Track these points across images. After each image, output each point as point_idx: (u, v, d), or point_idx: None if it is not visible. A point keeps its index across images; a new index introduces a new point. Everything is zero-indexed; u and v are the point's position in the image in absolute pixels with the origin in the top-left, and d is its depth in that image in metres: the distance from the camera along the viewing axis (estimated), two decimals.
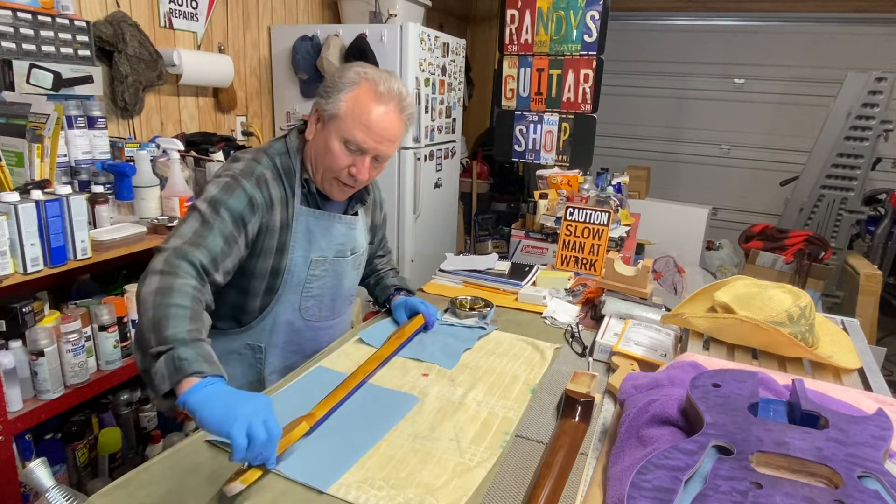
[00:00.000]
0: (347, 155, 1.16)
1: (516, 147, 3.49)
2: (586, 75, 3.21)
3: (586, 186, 2.67)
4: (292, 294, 1.26)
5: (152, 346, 0.88)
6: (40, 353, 1.50)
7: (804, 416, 0.81)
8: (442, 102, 3.31)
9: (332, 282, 1.32)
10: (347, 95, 1.14)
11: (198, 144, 2.38)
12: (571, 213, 1.95)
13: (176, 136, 2.31)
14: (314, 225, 1.24)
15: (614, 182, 3.02)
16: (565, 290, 1.70)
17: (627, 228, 2.63)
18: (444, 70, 3.26)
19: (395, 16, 3.15)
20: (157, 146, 2.10)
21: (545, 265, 1.95)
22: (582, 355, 1.33)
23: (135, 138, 2.32)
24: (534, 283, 1.74)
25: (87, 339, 1.65)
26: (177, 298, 0.93)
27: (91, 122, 1.89)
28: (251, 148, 1.26)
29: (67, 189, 1.52)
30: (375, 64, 2.88)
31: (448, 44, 3.27)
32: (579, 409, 1.02)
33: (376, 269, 1.58)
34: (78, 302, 1.76)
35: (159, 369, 0.85)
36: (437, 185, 3.40)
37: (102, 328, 1.68)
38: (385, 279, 1.55)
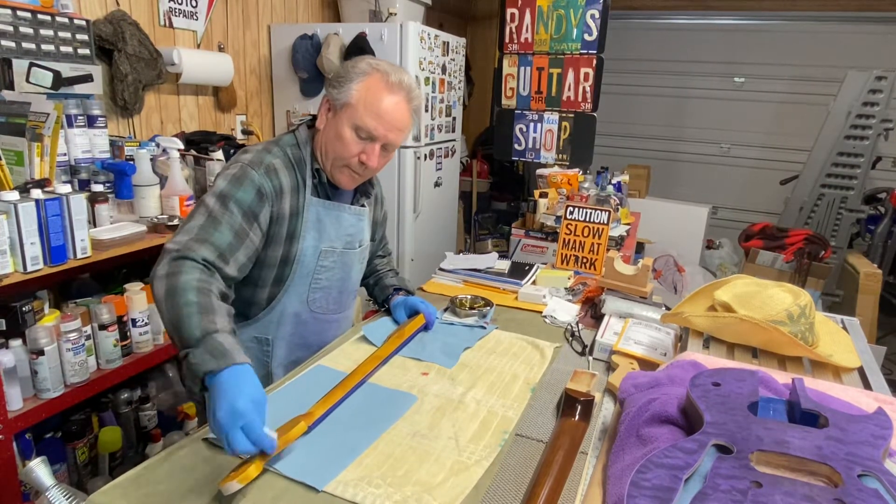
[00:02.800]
0: (358, 142, 1.19)
1: (516, 146, 3.49)
2: (586, 74, 3.20)
3: (586, 185, 2.67)
4: (301, 285, 1.27)
5: (178, 349, 0.92)
6: (40, 352, 1.50)
7: (804, 415, 0.81)
8: (442, 101, 3.31)
9: (340, 273, 1.33)
10: (359, 85, 1.17)
11: (198, 143, 2.38)
12: (571, 212, 1.95)
13: (176, 135, 2.31)
14: (324, 214, 1.26)
15: (614, 181, 3.02)
16: (565, 288, 1.70)
17: (627, 227, 2.63)
18: (444, 69, 3.26)
19: (395, 14, 3.14)
20: (157, 145, 2.10)
21: (545, 264, 1.95)
22: (582, 354, 1.33)
23: (134, 137, 2.32)
24: (534, 282, 1.74)
25: (87, 338, 1.65)
26: (183, 297, 0.94)
27: (91, 121, 1.89)
28: (261, 141, 1.28)
29: (67, 188, 1.52)
30: None
31: (448, 42, 3.26)
32: (579, 407, 1.02)
33: (376, 269, 1.59)
34: (78, 301, 1.76)
35: (185, 373, 0.90)
36: (437, 184, 3.40)
37: (102, 327, 1.68)
38: (384, 279, 1.55)
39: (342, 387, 1.06)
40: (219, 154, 2.27)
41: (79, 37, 1.95)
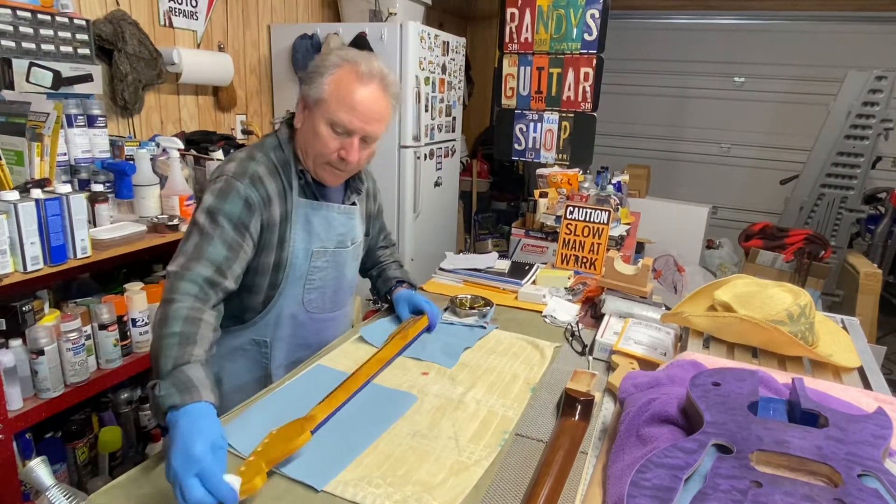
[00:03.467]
0: (335, 138, 1.17)
1: (516, 146, 3.49)
2: (586, 74, 3.20)
3: (586, 185, 2.67)
4: (295, 287, 1.27)
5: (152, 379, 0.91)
6: (40, 352, 1.50)
7: (804, 415, 0.81)
8: (442, 101, 3.31)
9: (333, 273, 1.33)
10: (330, 79, 1.14)
11: (198, 143, 2.38)
12: (571, 212, 1.95)
13: (176, 135, 2.31)
14: (313, 216, 1.25)
15: (614, 181, 3.02)
16: (565, 288, 1.70)
17: (627, 227, 2.63)
18: (444, 69, 3.26)
19: (395, 14, 3.14)
20: (157, 145, 2.10)
21: (545, 264, 1.95)
22: (582, 354, 1.33)
23: (134, 137, 2.32)
24: (534, 282, 1.74)
25: (87, 337, 1.65)
26: (169, 327, 0.94)
27: (91, 121, 1.88)
28: (246, 146, 1.27)
29: (67, 188, 1.52)
30: None
31: (448, 42, 3.26)
32: (579, 407, 1.02)
33: (379, 260, 1.58)
34: (78, 301, 1.76)
35: (151, 405, 0.88)
36: (437, 184, 3.40)
37: (102, 327, 1.68)
38: (388, 271, 1.55)
39: (344, 389, 1.06)
40: (219, 154, 2.27)
41: (79, 37, 1.95)
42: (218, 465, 0.75)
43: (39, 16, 1.82)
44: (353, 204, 1.35)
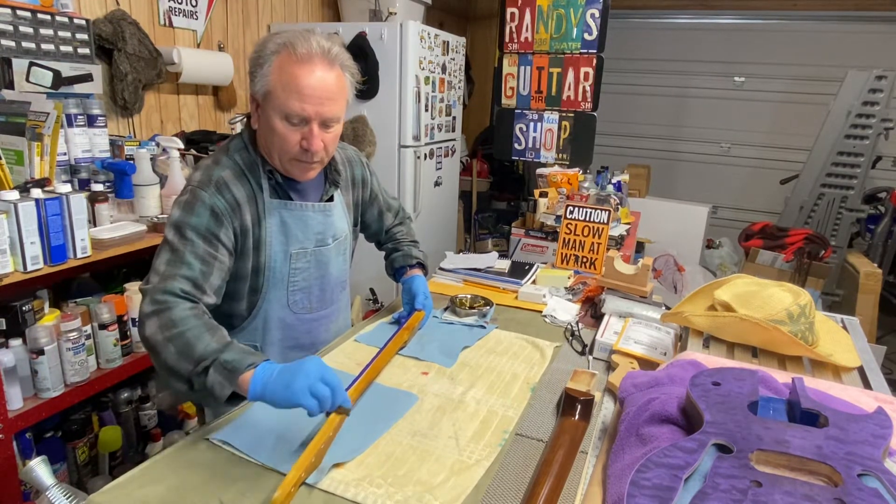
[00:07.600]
0: (293, 129, 1.10)
1: (516, 145, 3.49)
2: (586, 73, 3.20)
3: (586, 185, 2.67)
4: (278, 290, 1.23)
5: (192, 368, 0.92)
6: (40, 352, 1.50)
7: (804, 415, 0.81)
8: (442, 101, 3.31)
9: (316, 272, 1.28)
10: (271, 68, 1.08)
11: (198, 143, 2.38)
12: (571, 212, 1.95)
13: (176, 135, 2.31)
14: (288, 217, 1.21)
15: (614, 180, 3.01)
16: (565, 288, 1.70)
17: (627, 227, 2.62)
18: (444, 68, 3.25)
19: (395, 14, 3.14)
20: (157, 144, 2.10)
21: (545, 264, 1.95)
22: (582, 353, 1.33)
23: (134, 137, 2.32)
24: (534, 282, 1.74)
25: (87, 337, 1.65)
26: (184, 325, 0.95)
27: (91, 121, 1.88)
28: (216, 150, 1.24)
29: (67, 187, 1.52)
30: (375, 63, 2.89)
31: (448, 42, 3.26)
32: (579, 407, 1.02)
33: (395, 237, 1.55)
34: (78, 300, 1.77)
35: (214, 380, 0.90)
36: (437, 184, 3.40)
37: (102, 326, 1.68)
38: (400, 249, 1.52)
39: (365, 377, 1.10)
40: None
41: (79, 36, 1.95)
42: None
43: (39, 15, 1.82)
44: (331, 199, 1.30)
